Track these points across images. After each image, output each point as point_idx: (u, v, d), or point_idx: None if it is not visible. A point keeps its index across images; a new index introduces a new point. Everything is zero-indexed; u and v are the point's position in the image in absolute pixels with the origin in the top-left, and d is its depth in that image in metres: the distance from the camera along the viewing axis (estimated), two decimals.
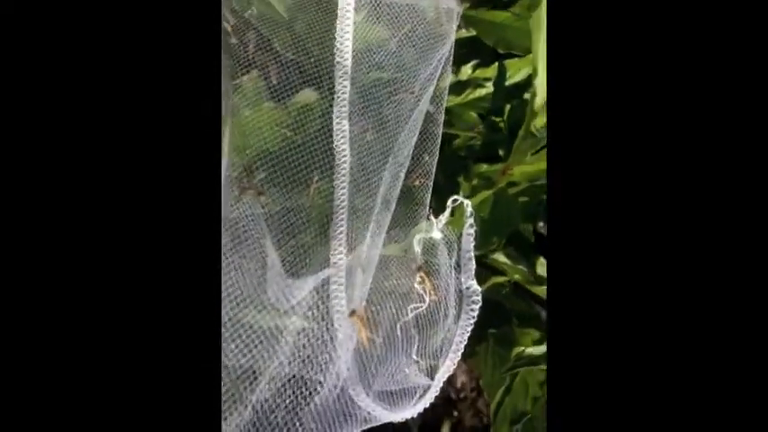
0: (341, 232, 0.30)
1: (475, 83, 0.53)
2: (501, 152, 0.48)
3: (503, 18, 0.50)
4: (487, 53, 0.52)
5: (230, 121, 0.29)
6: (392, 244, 0.31)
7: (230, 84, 0.31)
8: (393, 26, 0.32)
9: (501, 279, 0.41)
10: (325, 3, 0.34)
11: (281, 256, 0.28)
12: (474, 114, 0.52)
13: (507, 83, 0.50)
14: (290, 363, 0.25)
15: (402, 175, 0.30)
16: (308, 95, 0.34)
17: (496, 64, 0.51)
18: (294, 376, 0.25)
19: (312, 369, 0.26)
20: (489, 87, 0.52)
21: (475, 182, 0.50)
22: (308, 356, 0.26)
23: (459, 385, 0.80)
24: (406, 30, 0.32)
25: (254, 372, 0.24)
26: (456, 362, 0.29)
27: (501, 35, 0.51)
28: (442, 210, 0.35)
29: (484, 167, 0.50)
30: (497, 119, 0.49)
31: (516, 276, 0.44)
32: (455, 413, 0.80)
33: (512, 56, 0.50)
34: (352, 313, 0.26)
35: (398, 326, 0.29)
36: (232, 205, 0.26)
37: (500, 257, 0.45)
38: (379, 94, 0.33)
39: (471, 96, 0.53)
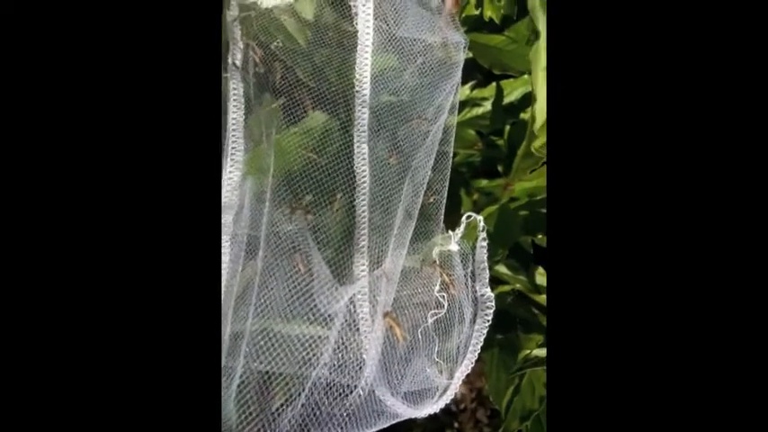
0: (363, 246, 0.34)
1: (473, 102, 0.57)
2: (500, 168, 0.53)
3: (497, 41, 0.55)
4: (483, 74, 0.56)
5: (264, 143, 0.33)
6: (409, 256, 0.35)
7: (260, 109, 0.35)
8: (408, 58, 0.36)
9: (506, 288, 0.45)
10: (341, 37, 0.38)
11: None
12: (473, 132, 0.56)
13: (504, 102, 0.55)
14: (329, 368, 0.29)
15: (421, 193, 0.34)
16: (318, 117, 0.38)
17: (493, 84, 0.55)
18: (332, 381, 0.29)
19: (345, 374, 0.30)
20: (486, 106, 0.56)
21: (475, 196, 0.55)
22: (342, 363, 0.30)
23: (458, 396, 0.84)
24: (419, 62, 0.36)
25: (301, 377, 0.28)
26: (473, 361, 0.33)
27: (496, 57, 0.55)
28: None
29: (483, 182, 0.55)
30: (495, 137, 0.54)
31: (518, 286, 0.48)
32: (455, 424, 0.84)
33: (506, 76, 0.55)
34: (386, 315, 0.30)
35: (419, 331, 0.33)
36: (280, 222, 0.30)
37: (501, 268, 0.49)
38: (394, 119, 0.37)
39: (469, 115, 0.57)
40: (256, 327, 0.28)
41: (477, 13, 0.54)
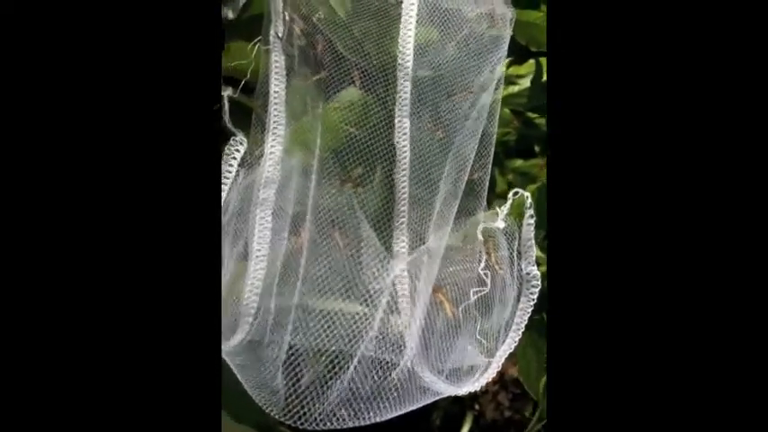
0: (402, 222, 0.34)
1: (508, 80, 0.56)
2: (537, 148, 0.52)
3: (534, 17, 0.54)
4: (519, 51, 0.55)
5: (309, 117, 0.33)
6: (451, 233, 0.35)
7: (303, 83, 0.35)
8: (451, 30, 0.36)
9: (543, 269, 0.45)
10: (383, 9, 0.38)
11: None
12: (507, 111, 0.55)
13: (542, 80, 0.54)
14: (373, 345, 0.29)
15: (467, 169, 0.34)
16: (356, 92, 0.38)
17: (530, 62, 0.54)
18: (377, 358, 0.30)
19: (388, 351, 0.30)
20: (522, 84, 0.56)
21: (510, 177, 0.54)
22: (385, 340, 0.30)
23: None
24: (464, 34, 0.36)
25: (348, 354, 0.29)
26: (516, 340, 0.33)
27: (533, 34, 0.54)
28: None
29: (518, 162, 0.54)
30: (533, 115, 0.53)
31: None
32: (477, 407, 0.84)
33: (543, 54, 0.54)
34: (437, 290, 0.30)
35: (461, 309, 0.33)
36: (328, 197, 0.30)
37: (537, 252, 0.49)
38: (435, 93, 0.37)
39: (505, 93, 0.56)
40: (302, 302, 0.28)
41: None
